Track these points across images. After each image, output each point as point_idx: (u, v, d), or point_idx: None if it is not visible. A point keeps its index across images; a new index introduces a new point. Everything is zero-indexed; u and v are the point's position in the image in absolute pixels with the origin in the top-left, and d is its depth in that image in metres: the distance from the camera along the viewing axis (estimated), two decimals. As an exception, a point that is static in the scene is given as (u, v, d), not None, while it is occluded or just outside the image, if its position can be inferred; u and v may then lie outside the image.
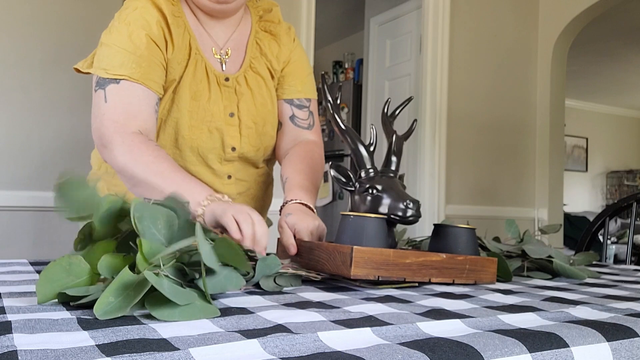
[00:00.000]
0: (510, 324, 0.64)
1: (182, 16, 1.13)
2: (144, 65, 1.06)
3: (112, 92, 1.05)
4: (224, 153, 1.18)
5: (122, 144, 1.02)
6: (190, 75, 1.12)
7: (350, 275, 0.84)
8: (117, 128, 1.04)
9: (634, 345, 0.61)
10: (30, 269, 0.99)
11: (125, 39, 1.07)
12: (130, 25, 1.08)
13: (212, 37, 1.18)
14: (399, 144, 1.09)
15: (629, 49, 6.10)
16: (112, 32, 1.09)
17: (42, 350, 0.47)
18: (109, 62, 1.06)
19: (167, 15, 1.10)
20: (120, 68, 1.05)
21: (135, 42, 1.06)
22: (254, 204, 1.29)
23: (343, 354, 0.50)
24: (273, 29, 1.25)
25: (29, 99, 2.25)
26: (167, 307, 0.61)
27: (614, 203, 1.95)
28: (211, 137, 1.16)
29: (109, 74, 1.06)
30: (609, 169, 9.00)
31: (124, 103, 1.05)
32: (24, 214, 2.23)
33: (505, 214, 3.63)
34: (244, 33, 1.22)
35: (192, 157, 1.17)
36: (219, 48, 1.18)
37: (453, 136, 3.43)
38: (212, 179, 1.19)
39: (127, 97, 1.05)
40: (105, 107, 1.06)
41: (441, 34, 3.37)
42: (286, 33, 1.26)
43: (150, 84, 1.07)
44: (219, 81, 1.16)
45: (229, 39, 1.20)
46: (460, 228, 1.02)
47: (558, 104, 3.85)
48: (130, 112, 1.05)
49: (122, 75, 1.05)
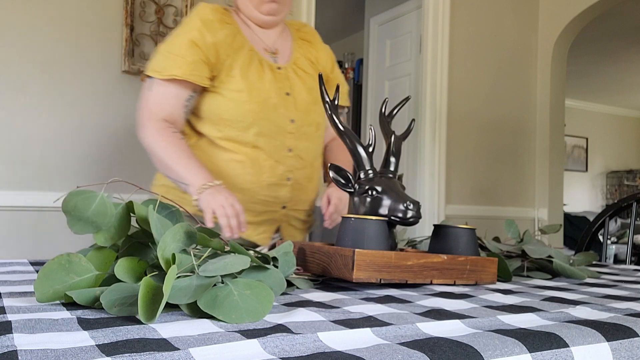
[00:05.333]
0: (510, 324, 0.64)
1: (234, 23, 1.40)
2: (184, 66, 1.30)
3: (153, 87, 1.34)
4: (284, 126, 1.39)
5: (150, 128, 1.33)
6: (246, 65, 1.36)
7: (352, 279, 0.84)
8: (150, 116, 1.33)
9: (633, 345, 0.61)
10: (30, 269, 0.99)
11: (172, 46, 1.33)
12: (178, 36, 1.35)
13: (263, 39, 1.44)
14: (398, 144, 1.09)
15: (629, 49, 6.10)
16: (165, 42, 1.37)
17: (42, 350, 0.47)
18: (157, 64, 1.33)
19: (213, 24, 1.34)
20: (164, 69, 1.32)
21: (180, 48, 1.32)
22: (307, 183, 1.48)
23: (343, 354, 0.50)
24: (310, 38, 1.54)
25: (29, 99, 2.26)
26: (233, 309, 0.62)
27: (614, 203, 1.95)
28: (272, 113, 1.36)
29: (156, 74, 1.32)
30: (609, 169, 9.00)
31: (158, 97, 1.33)
32: (24, 214, 2.24)
33: (505, 214, 3.63)
34: (287, 39, 1.50)
35: (255, 132, 1.36)
36: (269, 47, 1.44)
37: (453, 136, 3.43)
38: (274, 151, 1.38)
39: (162, 93, 1.33)
40: (148, 96, 1.35)
41: (441, 34, 3.37)
42: (328, 53, 1.56)
43: (193, 79, 1.31)
44: (272, 69, 1.40)
45: (275, 42, 1.46)
46: (460, 228, 1.02)
47: (558, 104, 3.85)
48: (161, 105, 1.33)
49: (164, 74, 1.31)
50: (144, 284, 0.60)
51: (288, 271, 0.84)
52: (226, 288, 0.65)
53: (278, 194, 1.40)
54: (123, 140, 2.43)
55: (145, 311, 0.59)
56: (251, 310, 0.63)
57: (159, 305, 0.59)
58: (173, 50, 1.32)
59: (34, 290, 0.67)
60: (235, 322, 0.61)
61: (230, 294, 0.64)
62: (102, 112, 2.39)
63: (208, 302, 0.63)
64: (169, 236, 0.69)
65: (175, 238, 0.70)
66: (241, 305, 0.63)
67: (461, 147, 3.48)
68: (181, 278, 0.66)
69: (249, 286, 0.66)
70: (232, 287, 0.66)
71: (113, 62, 2.41)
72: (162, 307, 0.59)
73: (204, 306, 0.62)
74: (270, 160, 1.37)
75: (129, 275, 0.69)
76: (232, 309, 0.62)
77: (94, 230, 0.73)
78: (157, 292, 0.61)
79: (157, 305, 0.59)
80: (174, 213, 0.84)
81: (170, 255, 0.68)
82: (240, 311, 0.62)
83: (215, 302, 0.63)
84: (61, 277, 0.67)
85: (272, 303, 0.65)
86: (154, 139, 1.32)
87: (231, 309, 0.62)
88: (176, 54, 1.31)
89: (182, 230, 0.72)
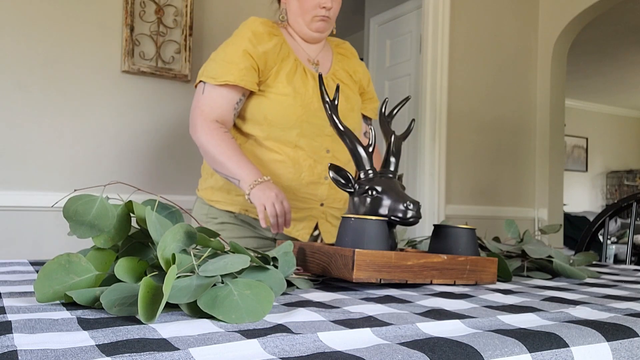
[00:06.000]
0: (510, 324, 0.64)
1: (280, 35, 1.53)
2: (236, 72, 1.42)
3: (207, 90, 1.45)
4: (323, 129, 1.49)
5: (203, 127, 1.43)
6: (292, 72, 1.49)
7: (352, 279, 0.84)
8: (203, 117, 1.44)
9: (633, 345, 0.61)
10: (30, 269, 0.99)
11: (225, 55, 1.45)
12: (231, 45, 1.47)
13: (307, 52, 1.58)
14: (398, 144, 1.09)
15: (629, 49, 6.10)
16: (217, 51, 1.49)
17: (42, 350, 0.47)
18: (210, 70, 1.45)
19: (262, 36, 1.47)
20: (217, 75, 1.43)
21: (233, 56, 1.44)
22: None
23: (343, 354, 0.50)
24: (348, 54, 1.67)
25: (29, 99, 2.26)
26: (233, 309, 0.62)
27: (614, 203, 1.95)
28: (314, 116, 1.47)
29: (211, 80, 1.44)
30: (609, 169, 9.00)
31: (212, 99, 1.44)
32: (24, 214, 2.24)
33: (505, 214, 3.63)
34: (328, 53, 1.64)
35: (297, 133, 1.46)
36: (312, 59, 1.58)
37: (453, 136, 3.43)
38: (313, 152, 1.48)
39: (215, 96, 1.44)
40: (199, 100, 1.46)
41: (441, 34, 3.37)
42: (363, 69, 1.68)
43: (244, 84, 1.42)
44: (314, 77, 1.53)
45: (317, 55, 1.60)
46: (460, 229, 1.02)
47: (558, 104, 3.85)
48: (213, 107, 1.44)
49: (219, 80, 1.42)
50: (144, 284, 0.60)
51: (288, 271, 0.84)
52: (226, 288, 0.65)
53: (316, 191, 1.49)
54: (123, 140, 2.43)
55: (145, 311, 0.59)
56: (251, 310, 0.63)
57: (159, 305, 0.59)
58: (226, 58, 1.45)
59: (34, 290, 0.67)
60: (235, 322, 0.61)
61: (230, 294, 0.64)
62: (102, 112, 2.39)
63: (208, 302, 0.63)
64: (169, 236, 0.69)
65: (175, 238, 0.70)
66: (241, 305, 0.63)
67: (461, 147, 3.48)
68: (181, 278, 0.66)
69: (249, 286, 0.66)
70: (232, 287, 0.66)
71: (113, 62, 2.41)
72: (162, 307, 0.59)
73: (204, 306, 0.62)
74: (309, 159, 1.48)
75: (129, 275, 0.69)
76: (232, 309, 0.62)
77: (97, 234, 0.73)
78: (157, 292, 0.61)
79: (157, 305, 0.59)
80: (174, 213, 0.84)
81: (170, 255, 0.68)
82: (240, 311, 0.62)
83: (215, 302, 0.63)
84: (61, 277, 0.67)
85: (272, 303, 0.65)
86: (207, 138, 1.42)
87: (231, 309, 0.62)
88: (229, 62, 1.43)
89: (182, 230, 0.72)
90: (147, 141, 2.48)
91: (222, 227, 1.51)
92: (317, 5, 1.50)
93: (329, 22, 1.55)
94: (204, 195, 1.57)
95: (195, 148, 2.58)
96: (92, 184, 2.27)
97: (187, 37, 2.53)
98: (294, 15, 1.55)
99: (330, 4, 1.50)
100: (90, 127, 2.37)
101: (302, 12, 1.52)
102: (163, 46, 2.50)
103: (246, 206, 1.49)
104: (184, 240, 0.71)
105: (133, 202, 0.76)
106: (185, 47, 2.52)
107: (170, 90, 2.53)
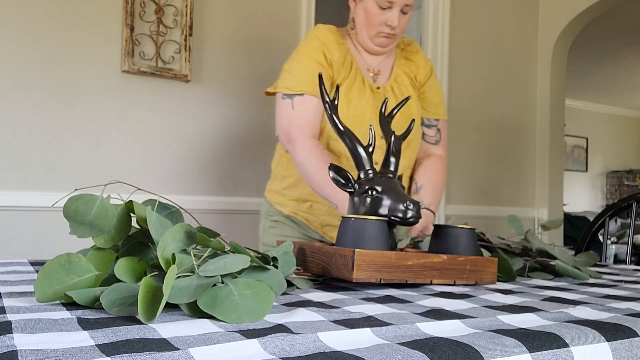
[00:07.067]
0: (510, 324, 0.64)
1: (345, 44, 1.56)
2: (316, 82, 1.41)
3: (298, 102, 1.47)
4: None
5: (302, 144, 1.44)
6: (351, 82, 1.51)
7: (352, 279, 0.84)
8: (301, 131, 1.46)
9: (633, 345, 0.61)
10: (30, 269, 0.99)
11: (301, 67, 1.49)
12: (304, 57, 1.50)
13: (367, 61, 1.59)
14: (398, 145, 1.09)
15: (629, 49, 6.10)
16: (291, 63, 1.52)
17: (42, 350, 0.47)
18: (291, 82, 1.48)
19: (331, 44, 1.51)
20: (300, 86, 1.47)
21: (309, 67, 1.47)
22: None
23: (343, 354, 0.50)
24: (412, 57, 1.66)
25: (29, 99, 2.26)
26: (233, 309, 0.62)
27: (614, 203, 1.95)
28: (366, 127, 1.45)
29: (292, 91, 1.47)
30: (609, 169, 9.00)
31: (306, 112, 1.47)
32: (24, 214, 2.24)
33: (505, 214, 3.63)
34: (390, 59, 1.63)
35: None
36: (372, 69, 1.59)
37: (453, 136, 3.43)
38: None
39: (307, 108, 1.47)
40: (293, 113, 1.47)
41: (441, 34, 3.37)
42: (424, 64, 1.66)
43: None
44: (372, 89, 1.54)
45: (379, 64, 1.60)
46: (460, 229, 1.02)
47: (558, 104, 3.85)
48: (309, 120, 1.47)
49: (303, 90, 1.46)
50: (144, 284, 0.60)
51: (288, 271, 0.84)
52: (226, 288, 0.65)
53: None
54: (123, 140, 2.43)
55: (145, 311, 0.59)
56: (251, 310, 0.63)
57: (159, 305, 0.59)
58: (301, 69, 1.48)
59: (34, 290, 0.67)
60: (235, 322, 0.61)
61: (230, 294, 0.64)
62: (102, 112, 2.39)
63: (208, 302, 0.62)
64: (169, 236, 0.69)
65: (175, 238, 0.70)
66: (241, 305, 0.63)
67: (461, 147, 3.48)
68: (181, 278, 0.66)
69: (249, 286, 0.66)
70: (232, 287, 0.66)
71: (113, 62, 2.41)
72: (162, 307, 0.58)
73: (203, 306, 0.62)
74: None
75: (129, 275, 0.69)
76: (232, 309, 0.62)
77: (97, 233, 0.73)
78: (157, 292, 0.61)
79: (157, 305, 0.59)
80: (174, 213, 0.84)
81: (170, 255, 0.68)
82: (240, 311, 0.62)
83: (215, 302, 0.63)
84: (61, 277, 0.67)
85: (272, 303, 0.65)
86: (306, 156, 1.43)
87: (231, 309, 0.62)
88: (306, 72, 1.47)
89: (182, 230, 0.72)
90: (147, 141, 2.48)
91: (275, 224, 1.63)
92: (384, 22, 1.50)
93: (394, 39, 1.55)
94: (266, 195, 1.69)
95: (195, 148, 2.59)
96: (92, 183, 2.27)
97: (187, 37, 2.53)
98: (359, 26, 1.55)
99: (396, 22, 1.50)
100: (90, 127, 2.37)
101: (367, 26, 1.53)
102: (163, 46, 2.50)
103: (295, 209, 1.59)
104: (184, 240, 0.71)
105: (133, 201, 0.76)
106: (185, 47, 2.52)
107: (170, 90, 2.53)
